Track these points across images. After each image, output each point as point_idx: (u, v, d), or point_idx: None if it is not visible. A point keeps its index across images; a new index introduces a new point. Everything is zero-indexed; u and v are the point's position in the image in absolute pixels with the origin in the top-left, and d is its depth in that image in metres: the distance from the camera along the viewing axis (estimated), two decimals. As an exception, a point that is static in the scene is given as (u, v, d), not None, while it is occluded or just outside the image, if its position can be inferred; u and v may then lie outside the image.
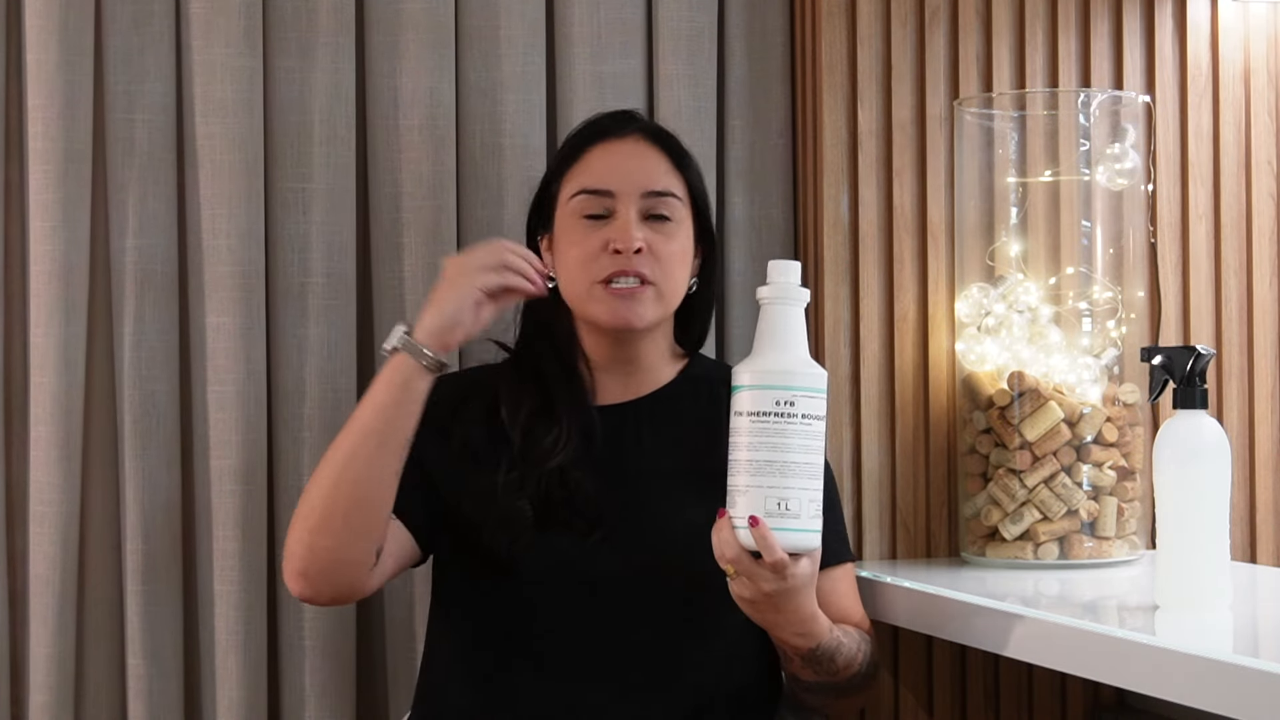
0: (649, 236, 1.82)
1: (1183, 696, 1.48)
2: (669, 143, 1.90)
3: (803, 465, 1.61)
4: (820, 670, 1.75)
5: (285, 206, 2.10)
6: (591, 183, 1.85)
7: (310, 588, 1.76)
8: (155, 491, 2.05)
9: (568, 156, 1.90)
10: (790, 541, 1.62)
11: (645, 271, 1.81)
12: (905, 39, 2.19)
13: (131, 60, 2.06)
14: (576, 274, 1.83)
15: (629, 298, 1.81)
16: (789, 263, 1.66)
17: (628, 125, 1.90)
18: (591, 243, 1.82)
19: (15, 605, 2.05)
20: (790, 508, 1.61)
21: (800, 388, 1.62)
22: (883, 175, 2.18)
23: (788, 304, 1.65)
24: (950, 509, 2.19)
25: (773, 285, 1.66)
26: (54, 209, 2.02)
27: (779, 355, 1.64)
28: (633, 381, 1.90)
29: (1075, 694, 2.22)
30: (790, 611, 1.67)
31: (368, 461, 1.73)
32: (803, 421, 1.61)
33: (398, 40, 2.13)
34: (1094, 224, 2.13)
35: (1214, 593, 1.71)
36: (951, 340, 2.18)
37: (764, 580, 1.63)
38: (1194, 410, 1.71)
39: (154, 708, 2.04)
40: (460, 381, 1.92)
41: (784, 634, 1.70)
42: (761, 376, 1.62)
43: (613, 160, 1.86)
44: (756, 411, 1.62)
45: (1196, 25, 2.28)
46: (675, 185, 1.87)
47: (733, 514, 1.62)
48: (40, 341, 2.02)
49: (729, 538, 1.62)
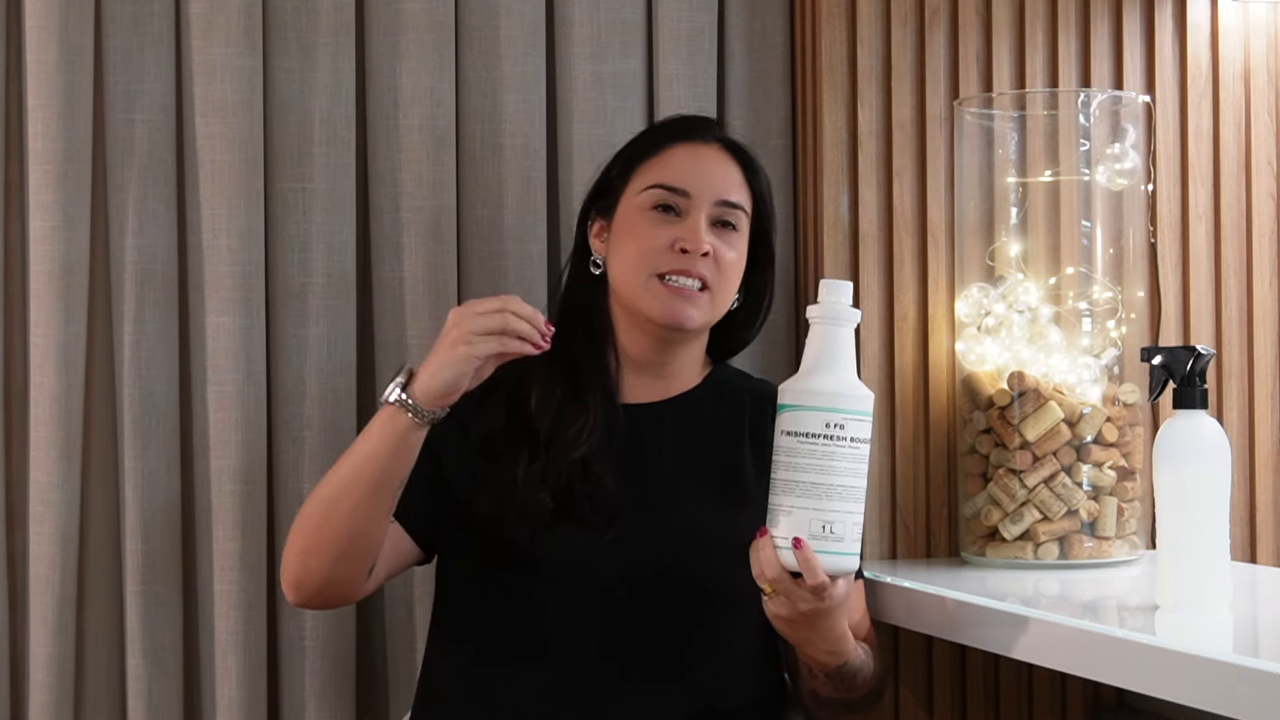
0: (715, 243, 1.84)
1: (1183, 696, 1.48)
2: (745, 156, 1.92)
3: (848, 489, 1.61)
4: (841, 687, 1.77)
5: (285, 206, 2.10)
6: (670, 179, 1.86)
7: (303, 597, 1.80)
8: (155, 491, 2.05)
9: (646, 149, 1.90)
10: (831, 564, 1.62)
11: (707, 275, 1.83)
12: (905, 39, 2.19)
13: (131, 60, 2.06)
14: (636, 265, 1.84)
15: (686, 298, 1.82)
16: (841, 283, 1.65)
17: (711, 131, 1.92)
18: (659, 237, 1.83)
19: (15, 605, 2.05)
20: (835, 531, 1.61)
21: (850, 411, 1.61)
22: (883, 175, 2.18)
23: (839, 324, 1.64)
24: (950, 509, 2.19)
25: (823, 304, 1.65)
26: (54, 209, 2.02)
27: (829, 377, 1.63)
28: (660, 383, 1.89)
29: (1075, 694, 2.22)
30: (824, 630, 1.68)
31: (360, 502, 1.73)
32: (851, 445, 1.61)
33: (398, 40, 2.13)
34: (1094, 224, 2.13)
35: (1214, 593, 1.71)
36: (951, 340, 2.18)
37: (802, 601, 1.63)
38: (1194, 410, 1.71)
39: (154, 708, 2.04)
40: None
41: (815, 651, 1.71)
42: (811, 398, 1.62)
43: (694, 162, 1.87)
44: (805, 433, 1.61)
45: (1196, 25, 2.28)
46: (745, 200, 1.89)
47: (775, 533, 1.62)
48: (40, 341, 2.02)
49: (770, 557, 1.62)
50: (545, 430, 1.82)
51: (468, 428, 1.84)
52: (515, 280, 2.14)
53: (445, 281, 2.12)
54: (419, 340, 2.11)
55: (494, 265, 2.15)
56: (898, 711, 2.18)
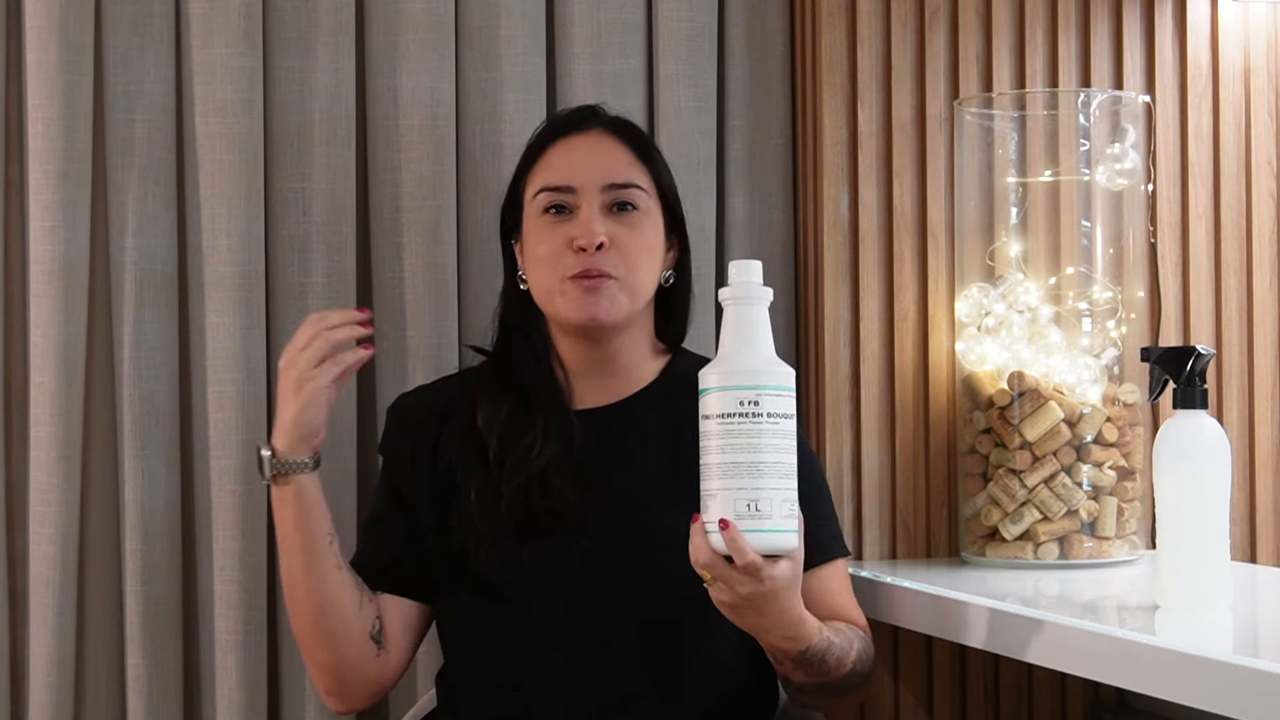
0: (612, 230, 1.80)
1: (1183, 696, 1.48)
2: (632, 134, 1.88)
3: (772, 465, 1.58)
4: (811, 671, 1.72)
5: (285, 206, 2.10)
6: (552, 179, 1.83)
7: (345, 703, 1.83)
8: (155, 491, 2.05)
9: (530, 156, 1.88)
10: (762, 543, 1.59)
11: (608, 268, 1.79)
12: (905, 39, 2.19)
13: (131, 60, 2.06)
14: (544, 272, 1.81)
15: (594, 290, 1.78)
16: (750, 262, 1.63)
17: (588, 120, 1.88)
18: (556, 240, 1.80)
19: (15, 605, 2.05)
20: (761, 509, 1.58)
21: (765, 386, 1.59)
22: (883, 175, 2.18)
23: (751, 304, 1.62)
24: (950, 509, 2.19)
25: (734, 285, 1.63)
26: (54, 209, 2.02)
27: (743, 355, 1.61)
28: (612, 384, 1.87)
29: (1075, 694, 2.22)
30: (774, 615, 1.64)
31: (305, 575, 1.76)
32: (769, 420, 1.58)
33: (398, 40, 2.13)
34: (1094, 224, 2.13)
35: (1214, 593, 1.71)
36: (951, 340, 2.18)
37: (740, 584, 1.60)
38: (1194, 410, 1.71)
39: (154, 708, 2.04)
40: (438, 396, 1.90)
41: (770, 638, 1.67)
42: (726, 377, 1.60)
43: (573, 155, 1.84)
44: (723, 414, 1.59)
45: (1196, 25, 2.28)
46: (639, 176, 1.84)
47: (705, 519, 1.60)
48: (40, 341, 2.02)
49: (701, 543, 1.60)
50: (495, 450, 1.80)
51: (433, 460, 1.83)
52: (515, 280, 2.14)
53: (445, 281, 2.13)
54: (419, 340, 2.11)
55: (494, 265, 2.14)
56: (898, 711, 2.18)
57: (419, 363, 2.11)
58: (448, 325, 2.13)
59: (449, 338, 2.13)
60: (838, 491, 2.14)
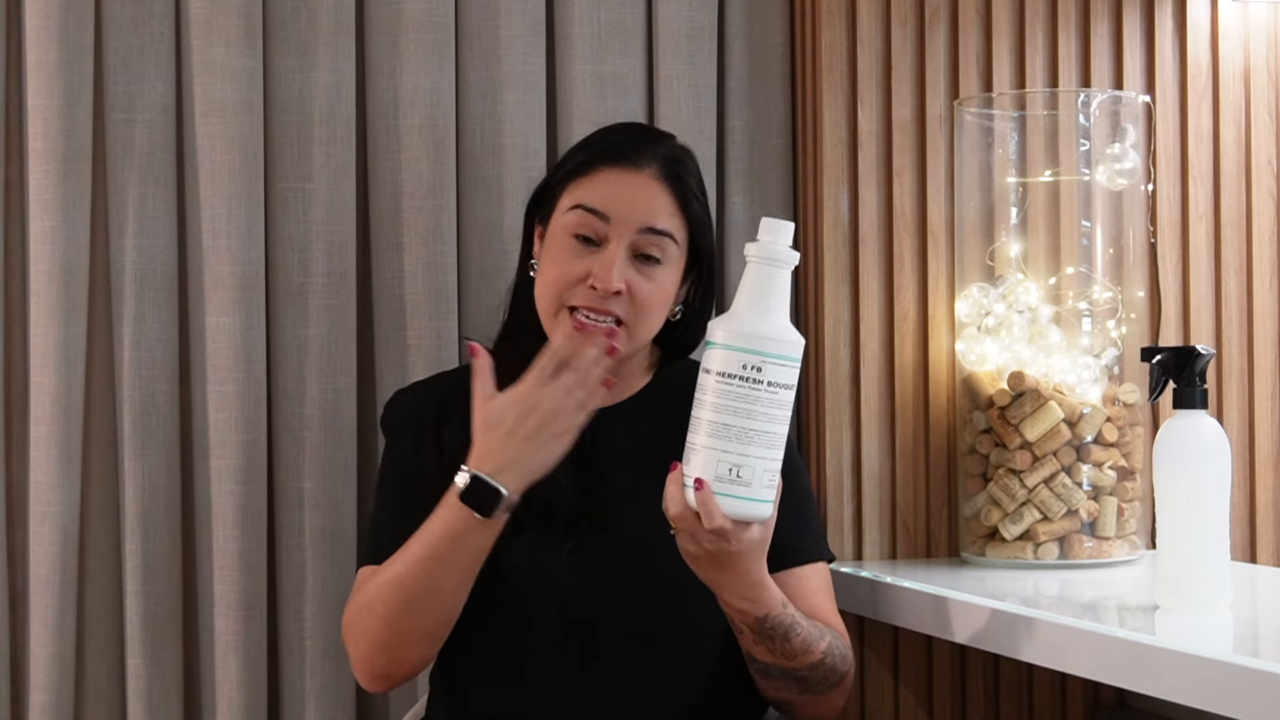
0: (631, 278, 1.77)
1: (1183, 696, 1.48)
2: (681, 182, 1.83)
3: (763, 434, 1.57)
4: (774, 649, 1.71)
5: (285, 206, 2.10)
6: (593, 201, 1.79)
7: (390, 684, 1.79)
8: (155, 491, 2.05)
9: (580, 165, 1.84)
10: (735, 509, 1.58)
11: (619, 313, 1.77)
12: (905, 39, 2.19)
13: (131, 60, 2.06)
14: (551, 291, 1.79)
15: (592, 338, 1.75)
16: (782, 222, 1.60)
17: (645, 156, 1.83)
18: (574, 268, 1.78)
19: (15, 605, 2.05)
20: (742, 475, 1.57)
21: (772, 355, 1.57)
22: (883, 175, 2.18)
23: (774, 265, 1.59)
24: (950, 509, 2.19)
25: (761, 244, 1.59)
26: (54, 209, 2.02)
27: (755, 318, 1.58)
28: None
29: (1075, 694, 2.22)
30: (737, 574, 1.64)
31: (456, 591, 1.71)
32: (768, 389, 1.57)
33: (398, 40, 2.13)
34: (1094, 224, 2.13)
35: (1214, 593, 1.71)
36: (951, 340, 2.18)
37: (706, 540, 1.60)
38: (1194, 410, 1.71)
39: (154, 708, 2.04)
40: (436, 389, 1.89)
41: (729, 596, 1.67)
42: (733, 338, 1.58)
43: (620, 189, 1.80)
44: (724, 372, 1.57)
45: (1196, 25, 2.28)
46: (675, 227, 1.81)
47: (684, 470, 1.59)
48: (40, 341, 2.02)
49: (675, 494, 1.60)
50: None
51: (438, 455, 1.82)
52: (515, 280, 2.14)
53: (445, 281, 2.13)
54: (419, 340, 2.11)
55: (494, 265, 2.15)
56: (898, 711, 2.18)
57: (419, 362, 2.11)
58: (448, 325, 2.13)
59: (449, 337, 2.13)
60: (838, 491, 2.14)
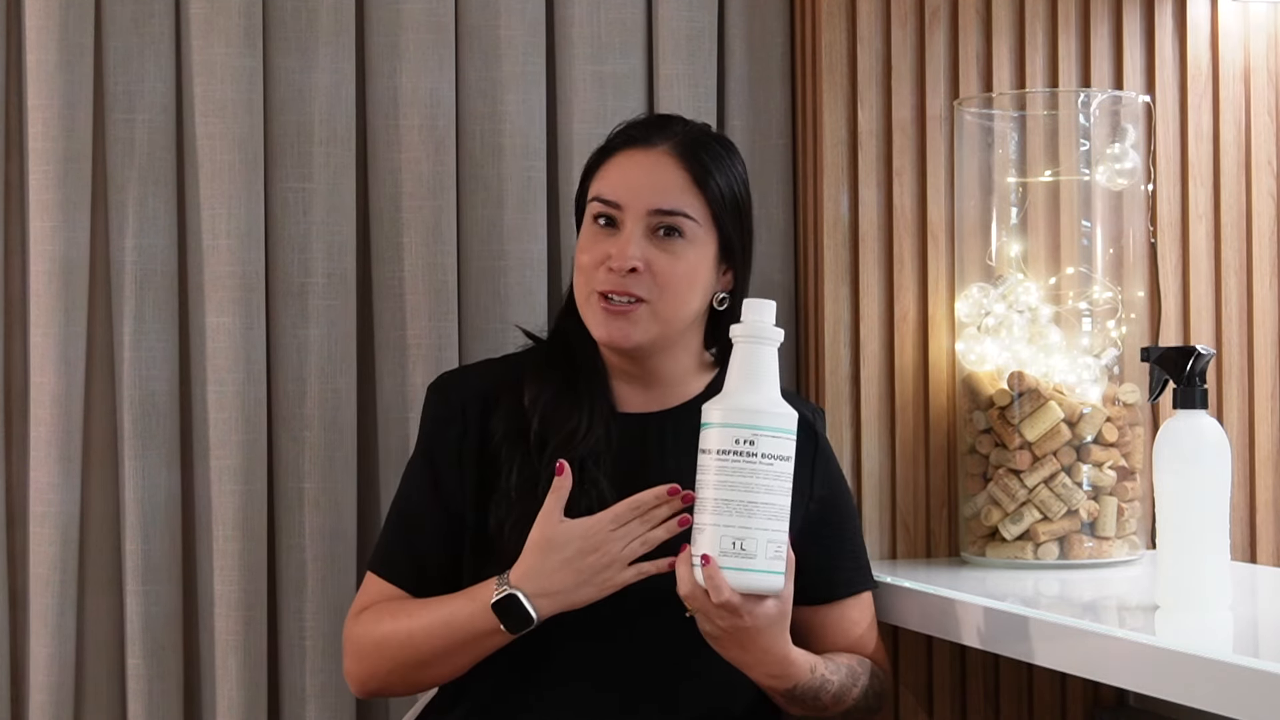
0: (652, 255, 1.77)
1: (1183, 696, 1.48)
2: (697, 158, 1.81)
3: (762, 506, 1.60)
4: (806, 707, 1.73)
5: (285, 206, 2.10)
6: (605, 191, 1.81)
7: (379, 697, 1.85)
8: (155, 491, 2.05)
9: (599, 157, 1.85)
10: (742, 582, 1.60)
11: (639, 291, 1.77)
12: (905, 39, 2.19)
13: (131, 60, 2.06)
14: (580, 279, 1.81)
15: (620, 315, 1.77)
16: (764, 302, 1.65)
17: (658, 135, 1.82)
18: (596, 252, 1.79)
19: (15, 605, 2.05)
20: (746, 548, 1.60)
21: (763, 427, 1.61)
22: (883, 175, 2.18)
23: (760, 343, 1.64)
24: (950, 509, 2.19)
25: (746, 324, 1.64)
26: (54, 209, 2.02)
27: (746, 395, 1.62)
28: (654, 393, 1.85)
29: (1075, 694, 2.22)
30: (758, 651, 1.65)
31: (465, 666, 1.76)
32: (763, 461, 1.60)
33: (398, 40, 2.13)
34: (1094, 224, 2.13)
35: (1214, 593, 1.71)
36: (951, 340, 2.18)
37: (719, 618, 1.62)
38: (1194, 410, 1.72)
39: (154, 708, 2.04)
40: (481, 378, 1.87)
41: (755, 674, 1.69)
42: (726, 415, 1.62)
43: (630, 172, 1.80)
44: (720, 450, 1.61)
45: (1196, 25, 2.28)
46: (690, 204, 1.79)
47: (692, 550, 1.62)
48: (40, 341, 2.02)
49: (685, 574, 1.62)
50: (537, 430, 1.78)
51: (482, 444, 1.81)
52: (515, 280, 2.14)
53: (445, 281, 2.13)
54: (419, 340, 2.11)
55: (494, 265, 2.15)
56: (898, 711, 2.18)
57: (419, 363, 2.11)
58: (448, 325, 2.12)
59: (449, 338, 2.13)
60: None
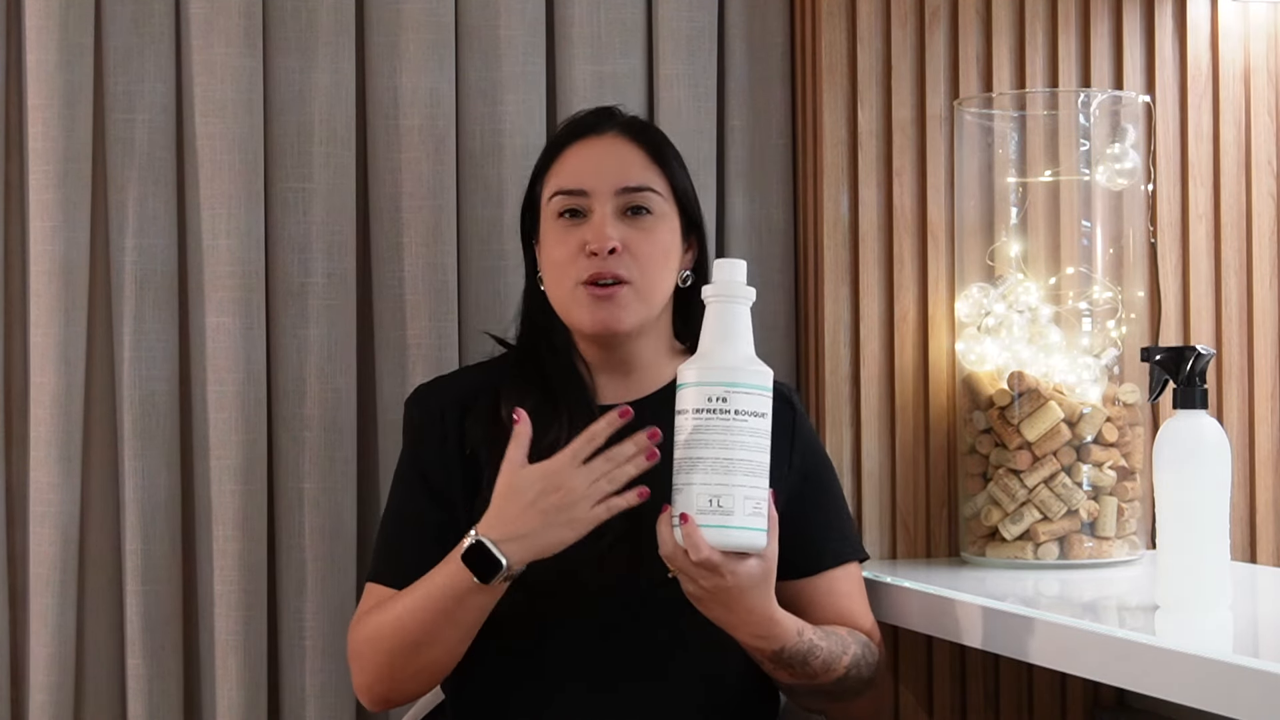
0: (626, 234, 1.79)
1: (1183, 696, 1.48)
2: (648, 136, 1.87)
3: (740, 462, 1.60)
4: (795, 673, 1.72)
5: (285, 206, 2.11)
6: (566, 183, 1.82)
7: (390, 706, 1.80)
8: (155, 491, 2.06)
9: (546, 159, 1.87)
10: (721, 539, 1.60)
11: (621, 272, 1.78)
12: (905, 39, 2.19)
13: (131, 60, 2.06)
14: (559, 277, 1.81)
15: (609, 299, 1.78)
16: (734, 261, 1.65)
17: (604, 122, 1.87)
18: (569, 244, 1.80)
19: (15, 605, 2.05)
20: (723, 505, 1.59)
21: (738, 384, 1.60)
22: (883, 175, 2.18)
23: (732, 302, 1.64)
24: (950, 509, 2.19)
25: (717, 283, 1.65)
26: (54, 209, 2.02)
27: (720, 353, 1.63)
28: (632, 382, 1.86)
29: (1075, 694, 2.22)
30: (742, 611, 1.64)
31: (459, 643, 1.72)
32: (737, 418, 1.60)
33: (398, 40, 2.13)
34: (1094, 224, 2.13)
35: (1214, 593, 1.71)
36: (951, 340, 2.18)
37: (700, 577, 1.61)
38: (1194, 410, 1.71)
39: (154, 708, 2.04)
40: (456, 386, 1.88)
41: (740, 634, 1.68)
42: (701, 374, 1.62)
43: (587, 159, 1.83)
44: (695, 409, 1.61)
45: (1196, 25, 2.28)
46: (653, 180, 1.83)
47: (672, 511, 1.62)
48: (40, 341, 2.02)
49: (665, 535, 1.62)
50: None
51: (460, 449, 1.82)
52: (515, 280, 2.13)
53: (445, 281, 2.13)
54: (419, 340, 2.11)
55: (494, 265, 2.15)
56: (898, 711, 2.18)
57: (419, 363, 2.11)
58: (448, 325, 2.13)
59: (449, 338, 2.13)
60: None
